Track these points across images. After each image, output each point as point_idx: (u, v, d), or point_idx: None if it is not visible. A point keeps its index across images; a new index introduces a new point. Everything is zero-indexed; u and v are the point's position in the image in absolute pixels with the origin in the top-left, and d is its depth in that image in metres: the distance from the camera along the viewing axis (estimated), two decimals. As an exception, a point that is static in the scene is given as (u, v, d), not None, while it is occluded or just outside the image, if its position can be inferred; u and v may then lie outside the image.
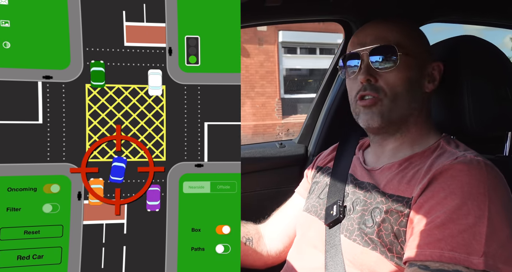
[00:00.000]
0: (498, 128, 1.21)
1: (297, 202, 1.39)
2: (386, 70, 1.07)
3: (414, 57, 1.08)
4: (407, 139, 1.12)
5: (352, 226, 1.04)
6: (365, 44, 1.10)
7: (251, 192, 1.61)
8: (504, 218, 0.89)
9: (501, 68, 1.20)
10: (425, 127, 1.13)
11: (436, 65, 1.11)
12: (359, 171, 1.17)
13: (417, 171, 1.02)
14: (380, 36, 1.09)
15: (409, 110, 1.08)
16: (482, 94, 1.14)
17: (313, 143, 1.75)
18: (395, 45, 1.06)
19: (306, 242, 1.19)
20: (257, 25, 1.48)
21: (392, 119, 1.08)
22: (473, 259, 0.82)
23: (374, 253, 0.98)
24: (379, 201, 1.03)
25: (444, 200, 0.90)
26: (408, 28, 1.11)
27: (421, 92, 1.10)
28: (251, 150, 1.67)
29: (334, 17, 1.56)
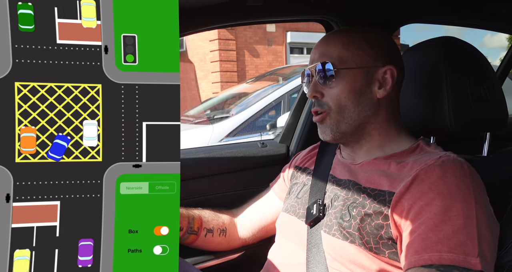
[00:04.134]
0: (477, 128, 1.20)
1: (271, 198, 1.41)
2: (329, 86, 1.10)
3: (357, 68, 1.09)
4: (374, 143, 1.13)
5: (331, 221, 1.06)
6: (313, 60, 1.15)
7: (233, 191, 1.61)
8: (486, 218, 0.91)
9: (480, 69, 1.20)
10: (392, 131, 1.13)
11: (388, 69, 1.10)
12: (339, 169, 1.18)
13: (399, 168, 1.03)
14: (323, 53, 1.13)
15: (361, 119, 1.10)
16: (462, 94, 1.14)
17: (295, 142, 1.75)
18: (335, 61, 1.09)
19: (286, 241, 1.21)
20: (238, 25, 1.48)
21: (343, 131, 1.11)
22: (471, 260, 0.83)
23: (353, 246, 0.99)
24: (359, 197, 1.04)
25: (433, 201, 0.91)
26: (352, 40, 1.12)
27: (372, 99, 1.10)
28: (232, 150, 1.67)
29: (315, 17, 1.56)
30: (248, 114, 4.06)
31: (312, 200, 1.16)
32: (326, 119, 1.12)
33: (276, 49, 12.76)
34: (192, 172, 1.56)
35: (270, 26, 12.40)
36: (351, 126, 1.11)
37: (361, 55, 1.10)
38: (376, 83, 1.10)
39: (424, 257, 0.86)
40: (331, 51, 1.11)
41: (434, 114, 1.17)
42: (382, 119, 1.12)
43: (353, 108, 1.09)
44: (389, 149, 1.11)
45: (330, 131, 1.12)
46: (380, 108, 1.11)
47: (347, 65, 1.09)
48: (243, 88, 5.70)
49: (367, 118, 1.10)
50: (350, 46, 1.11)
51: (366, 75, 1.10)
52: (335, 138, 1.13)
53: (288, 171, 1.40)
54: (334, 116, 1.11)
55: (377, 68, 1.10)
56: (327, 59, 1.10)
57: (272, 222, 1.35)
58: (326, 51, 1.12)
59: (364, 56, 1.10)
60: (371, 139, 1.13)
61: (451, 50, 1.18)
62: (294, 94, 4.12)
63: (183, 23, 1.16)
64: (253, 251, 1.46)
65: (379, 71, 1.10)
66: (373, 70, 1.10)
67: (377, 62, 1.11)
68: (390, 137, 1.13)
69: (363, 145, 1.14)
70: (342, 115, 1.10)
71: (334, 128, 1.11)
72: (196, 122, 4.51)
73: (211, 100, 5.80)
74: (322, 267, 1.04)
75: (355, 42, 1.11)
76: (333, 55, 1.10)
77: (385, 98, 1.11)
